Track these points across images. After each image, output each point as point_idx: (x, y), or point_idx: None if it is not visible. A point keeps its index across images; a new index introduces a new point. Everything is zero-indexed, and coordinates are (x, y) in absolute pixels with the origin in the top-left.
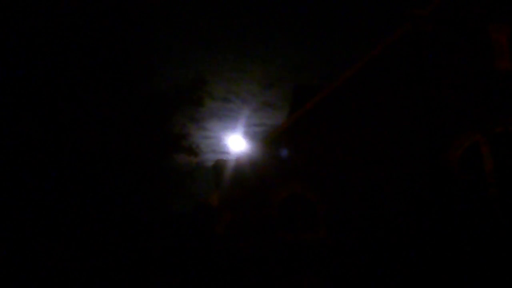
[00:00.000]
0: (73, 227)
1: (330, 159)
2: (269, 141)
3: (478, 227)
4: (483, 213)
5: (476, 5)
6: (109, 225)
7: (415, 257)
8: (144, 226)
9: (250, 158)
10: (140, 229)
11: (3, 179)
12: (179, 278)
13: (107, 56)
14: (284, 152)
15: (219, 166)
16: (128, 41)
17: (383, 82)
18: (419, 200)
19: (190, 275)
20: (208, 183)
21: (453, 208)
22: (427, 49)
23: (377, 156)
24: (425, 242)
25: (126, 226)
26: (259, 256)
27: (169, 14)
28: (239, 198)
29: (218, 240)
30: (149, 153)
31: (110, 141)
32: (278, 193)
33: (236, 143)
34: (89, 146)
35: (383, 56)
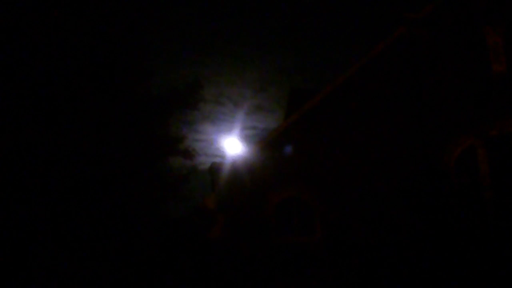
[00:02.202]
0: (69, 231)
1: (327, 162)
2: (265, 143)
3: (474, 229)
4: (478, 216)
5: (471, 7)
6: (106, 229)
7: (411, 260)
8: (141, 229)
9: (246, 160)
10: (137, 232)
11: (2, 180)
12: (176, 281)
13: (104, 60)
14: (281, 155)
15: (214, 169)
16: (125, 45)
17: (379, 86)
18: (415, 203)
19: (187, 278)
20: (203, 186)
21: (449, 211)
22: (422, 52)
23: (373, 160)
24: (421, 245)
25: (123, 230)
26: (255, 259)
27: (161, 17)
28: (235, 201)
29: (214, 243)
30: (146, 156)
31: (107, 144)
32: (274, 196)
33: (231, 146)
34: (85, 149)
35: (378, 60)
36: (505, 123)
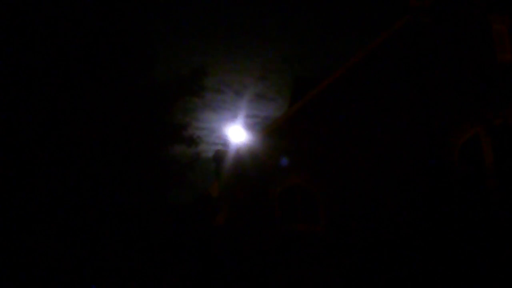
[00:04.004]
0: (73, 220)
1: (330, 150)
2: (270, 131)
3: (478, 217)
4: (482, 204)
5: None
6: (110, 217)
7: (414, 249)
8: (145, 217)
9: (250, 148)
10: (141, 220)
11: (2, 176)
12: (180, 268)
13: (107, 48)
14: (285, 143)
15: (219, 157)
16: (128, 33)
17: (384, 73)
18: (418, 192)
19: (191, 265)
20: (204, 174)
21: (453, 199)
22: (428, 40)
23: (377, 148)
24: (424, 235)
25: (127, 218)
26: (258, 247)
27: (163, 5)
28: (239, 189)
29: (218, 231)
30: (150, 144)
31: (110, 133)
32: (278, 184)
33: (234, 134)
34: (89, 137)
35: (383, 48)
36: (510, 112)
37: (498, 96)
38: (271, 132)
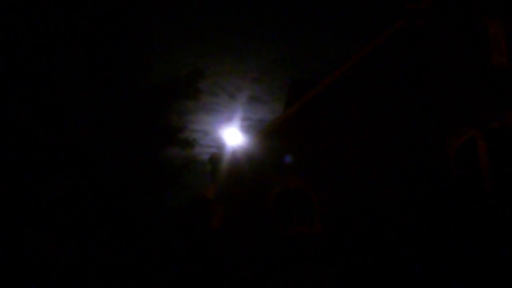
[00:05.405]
0: (68, 222)
1: (327, 152)
2: (266, 133)
3: (474, 220)
4: (478, 207)
5: None
6: (105, 219)
7: (411, 251)
8: (140, 219)
9: (246, 151)
10: (136, 222)
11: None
12: (175, 271)
13: (104, 50)
14: (281, 145)
15: (215, 159)
16: (125, 36)
17: (379, 77)
18: (415, 195)
19: (186, 268)
20: (199, 177)
21: (448, 202)
22: (423, 43)
23: (373, 151)
24: (420, 237)
25: (122, 220)
26: (254, 249)
27: (156, 6)
28: (235, 191)
29: (214, 233)
30: (145, 147)
31: (106, 135)
32: (274, 187)
33: (230, 136)
34: (85, 140)
35: (379, 51)
36: (506, 115)
37: (494, 99)
38: (268, 134)
